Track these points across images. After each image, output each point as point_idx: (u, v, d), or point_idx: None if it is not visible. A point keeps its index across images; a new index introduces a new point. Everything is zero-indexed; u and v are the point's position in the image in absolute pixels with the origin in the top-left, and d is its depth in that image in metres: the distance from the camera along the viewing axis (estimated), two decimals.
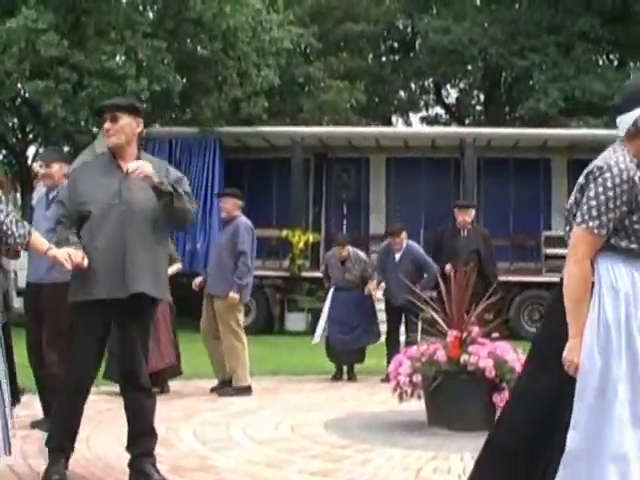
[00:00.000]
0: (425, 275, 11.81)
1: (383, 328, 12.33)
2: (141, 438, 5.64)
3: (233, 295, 9.83)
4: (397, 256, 12.02)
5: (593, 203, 3.86)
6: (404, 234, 12.11)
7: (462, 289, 8.11)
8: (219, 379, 10.31)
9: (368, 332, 12.03)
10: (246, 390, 9.95)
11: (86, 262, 5.36)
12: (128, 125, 5.59)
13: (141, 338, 5.62)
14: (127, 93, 18.09)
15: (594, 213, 3.86)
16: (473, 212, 12.72)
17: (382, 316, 12.41)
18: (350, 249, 12.18)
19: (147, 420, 5.68)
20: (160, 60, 19.34)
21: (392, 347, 11.53)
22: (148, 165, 5.38)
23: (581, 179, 4.01)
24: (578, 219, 3.90)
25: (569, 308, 3.89)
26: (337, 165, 22.34)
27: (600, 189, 3.86)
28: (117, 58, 19.40)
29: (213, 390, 10.18)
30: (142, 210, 5.49)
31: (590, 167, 3.98)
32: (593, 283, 3.90)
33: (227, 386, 10.07)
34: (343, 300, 11.92)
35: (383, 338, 12.24)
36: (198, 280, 10.70)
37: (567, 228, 4.07)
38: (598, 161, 3.97)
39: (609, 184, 3.85)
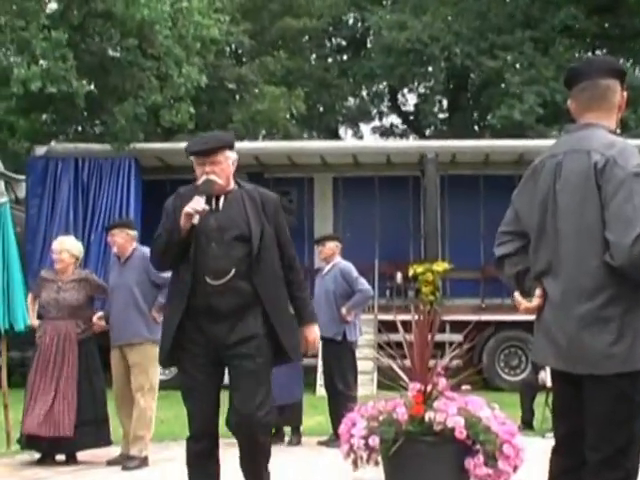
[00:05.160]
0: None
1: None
2: None
3: (155, 314, 9.41)
4: (324, 272, 11.55)
5: None
6: (333, 244, 11.58)
7: (425, 334, 8.04)
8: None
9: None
10: (146, 460, 9.64)
11: None
12: None
13: None
14: (12, 81, 18.05)
15: None
16: None
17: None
18: None
19: None
20: (60, 56, 18.92)
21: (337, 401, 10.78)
22: None
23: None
24: None
25: None
26: (276, 186, 22.29)
27: None
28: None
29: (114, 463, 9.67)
30: None
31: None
32: None
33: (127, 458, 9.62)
34: None
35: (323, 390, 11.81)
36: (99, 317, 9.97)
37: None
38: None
39: None
